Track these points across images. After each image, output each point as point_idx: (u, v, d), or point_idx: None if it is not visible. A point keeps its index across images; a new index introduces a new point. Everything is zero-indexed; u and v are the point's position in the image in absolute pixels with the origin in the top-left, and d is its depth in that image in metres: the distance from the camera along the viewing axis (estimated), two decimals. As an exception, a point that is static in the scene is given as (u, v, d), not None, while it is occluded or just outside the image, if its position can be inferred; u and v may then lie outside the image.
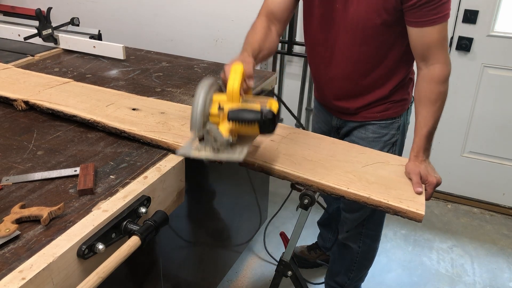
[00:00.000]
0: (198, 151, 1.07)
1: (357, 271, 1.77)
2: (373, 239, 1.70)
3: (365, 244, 1.70)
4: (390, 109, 1.46)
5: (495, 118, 2.41)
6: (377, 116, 1.47)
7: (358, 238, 1.68)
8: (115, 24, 3.05)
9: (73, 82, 1.65)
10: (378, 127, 1.48)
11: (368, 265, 1.77)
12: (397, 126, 1.49)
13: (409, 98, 1.49)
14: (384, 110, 1.46)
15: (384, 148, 1.49)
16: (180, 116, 1.40)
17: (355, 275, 1.78)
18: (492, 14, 2.23)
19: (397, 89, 1.44)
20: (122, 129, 1.31)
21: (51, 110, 1.42)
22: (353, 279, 1.80)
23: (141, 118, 1.37)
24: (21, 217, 0.95)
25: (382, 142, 1.49)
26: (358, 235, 1.68)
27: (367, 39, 1.32)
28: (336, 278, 1.84)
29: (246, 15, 2.68)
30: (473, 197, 2.63)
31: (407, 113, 1.52)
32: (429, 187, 1.24)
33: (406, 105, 1.49)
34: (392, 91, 1.43)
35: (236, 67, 1.09)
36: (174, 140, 1.25)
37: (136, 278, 1.22)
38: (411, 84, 1.49)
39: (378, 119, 1.47)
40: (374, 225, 1.66)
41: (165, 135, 1.28)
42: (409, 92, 1.48)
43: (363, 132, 1.50)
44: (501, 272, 2.15)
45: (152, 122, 1.35)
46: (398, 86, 1.44)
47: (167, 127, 1.33)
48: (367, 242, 1.69)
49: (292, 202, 2.57)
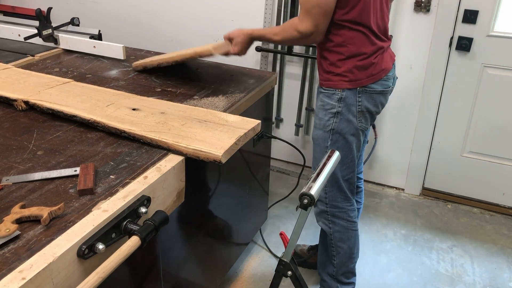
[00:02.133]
0: None
1: (338, 256, 1.82)
2: (342, 218, 1.76)
3: (334, 224, 1.77)
4: (330, 80, 1.60)
5: (495, 118, 2.42)
6: (323, 84, 1.63)
7: (325, 218, 1.78)
8: (115, 24, 3.05)
9: (73, 82, 1.65)
10: (324, 96, 1.64)
11: (345, 247, 1.80)
12: (337, 98, 1.60)
13: (352, 77, 1.56)
14: (326, 80, 1.61)
15: (326, 116, 1.63)
16: (180, 116, 1.40)
17: (338, 262, 1.82)
18: (492, 14, 2.23)
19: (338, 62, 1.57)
20: (122, 129, 1.31)
21: (51, 110, 1.43)
22: (338, 267, 1.83)
23: (141, 118, 1.37)
24: (21, 217, 0.95)
25: (325, 110, 1.64)
26: (324, 214, 1.77)
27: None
28: (325, 269, 1.88)
29: (246, 15, 2.68)
30: (473, 197, 2.63)
31: (355, 94, 1.59)
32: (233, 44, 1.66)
33: (345, 81, 1.57)
34: (334, 63, 1.57)
35: None
36: (174, 140, 1.26)
37: (136, 278, 1.22)
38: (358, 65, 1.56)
39: (324, 87, 1.63)
40: (337, 202, 1.74)
41: (165, 135, 1.28)
42: (353, 71, 1.56)
43: (317, 99, 1.71)
44: (501, 272, 2.15)
45: (152, 122, 1.35)
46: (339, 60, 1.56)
47: (167, 127, 1.33)
48: (336, 221, 1.77)
49: (292, 202, 2.58)
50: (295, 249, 2.17)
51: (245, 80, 1.82)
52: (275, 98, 2.77)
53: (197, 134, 1.30)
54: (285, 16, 2.56)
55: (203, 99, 1.62)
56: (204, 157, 1.22)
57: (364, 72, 1.56)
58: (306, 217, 1.34)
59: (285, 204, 2.51)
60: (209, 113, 1.45)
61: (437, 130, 2.57)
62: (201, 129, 1.33)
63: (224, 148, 1.23)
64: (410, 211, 2.58)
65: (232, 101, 1.62)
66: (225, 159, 1.23)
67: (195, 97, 1.63)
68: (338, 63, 1.56)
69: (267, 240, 2.27)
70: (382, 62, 1.60)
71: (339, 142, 1.64)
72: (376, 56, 1.57)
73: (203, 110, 1.47)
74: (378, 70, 1.58)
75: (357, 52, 1.54)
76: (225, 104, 1.58)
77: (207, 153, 1.22)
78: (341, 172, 1.69)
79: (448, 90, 2.45)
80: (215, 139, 1.28)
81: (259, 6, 2.63)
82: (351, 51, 1.54)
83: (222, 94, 1.67)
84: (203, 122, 1.38)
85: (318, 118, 1.66)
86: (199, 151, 1.22)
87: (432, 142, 2.60)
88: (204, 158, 1.22)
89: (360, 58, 1.54)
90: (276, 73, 1.95)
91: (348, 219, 1.77)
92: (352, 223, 1.79)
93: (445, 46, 2.34)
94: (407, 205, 2.63)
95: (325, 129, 1.64)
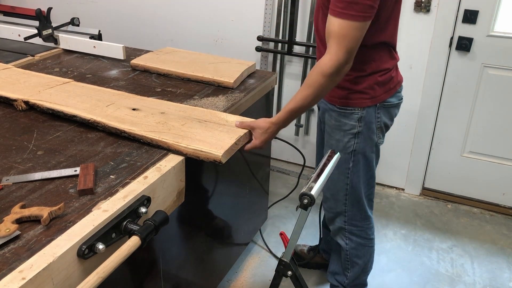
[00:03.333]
0: None
1: (352, 270, 1.79)
2: (360, 236, 1.72)
3: (351, 241, 1.72)
4: (349, 98, 1.49)
5: (495, 118, 2.41)
6: (337, 102, 1.52)
7: (343, 234, 1.73)
8: (115, 24, 3.05)
9: (73, 82, 1.65)
10: (338, 115, 1.53)
11: (360, 263, 1.77)
12: (357, 117, 1.51)
13: (373, 94, 1.49)
14: (344, 98, 1.50)
15: (345, 138, 1.54)
16: (180, 116, 1.41)
17: (352, 274, 1.79)
18: (492, 14, 2.23)
19: (358, 79, 1.47)
20: (122, 129, 1.31)
21: (51, 110, 1.43)
22: (350, 279, 1.80)
23: (141, 118, 1.37)
24: (21, 217, 0.95)
25: (343, 131, 1.54)
26: (342, 231, 1.72)
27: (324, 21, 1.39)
28: (336, 277, 1.86)
29: (246, 15, 2.68)
30: (473, 197, 2.63)
31: (375, 110, 1.51)
32: (255, 139, 1.38)
33: (366, 98, 1.49)
34: (353, 80, 1.47)
35: None
36: (174, 140, 1.26)
37: (136, 278, 1.22)
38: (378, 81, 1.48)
39: (338, 105, 1.52)
40: (356, 221, 1.69)
41: (165, 135, 1.28)
42: (374, 87, 1.48)
43: (329, 118, 1.58)
44: (501, 272, 2.15)
45: (152, 122, 1.35)
46: (359, 77, 1.46)
47: (167, 127, 1.33)
48: (353, 239, 1.72)
49: (292, 202, 2.58)
50: (295, 249, 2.17)
51: (245, 80, 1.82)
52: (275, 98, 2.77)
53: (197, 134, 1.30)
54: (285, 16, 2.56)
55: (203, 99, 1.62)
56: (204, 157, 1.22)
57: (383, 87, 1.49)
58: (306, 217, 1.34)
59: (285, 204, 2.51)
60: (209, 113, 1.45)
61: (437, 130, 2.57)
62: (201, 129, 1.33)
63: (224, 148, 1.23)
64: (410, 211, 2.57)
65: (232, 101, 1.62)
66: (225, 159, 1.23)
67: (195, 97, 1.63)
68: (358, 80, 1.46)
69: (267, 240, 2.27)
70: (398, 74, 1.55)
71: (361, 162, 1.57)
72: (395, 70, 1.52)
73: (203, 110, 1.47)
74: (395, 83, 1.52)
75: (380, 68, 1.46)
76: (225, 104, 1.58)
77: (207, 153, 1.22)
78: (363, 189, 1.63)
79: (448, 90, 2.45)
80: (215, 139, 1.28)
81: (259, 6, 2.63)
82: (373, 67, 1.45)
83: (222, 94, 1.67)
84: (203, 122, 1.38)
85: (335, 139, 1.57)
86: (199, 151, 1.22)
87: (432, 142, 2.60)
88: (204, 158, 1.22)
89: (381, 73, 1.47)
90: (276, 73, 1.95)
91: (366, 237, 1.73)
92: (369, 241, 1.75)
93: (445, 46, 2.34)
94: (407, 205, 2.63)
95: (345, 151, 1.55)
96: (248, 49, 2.74)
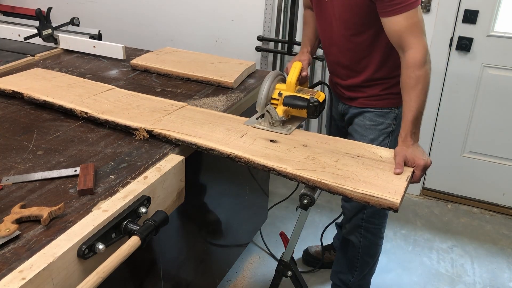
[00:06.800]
0: (259, 123, 1.39)
1: (360, 268, 1.78)
2: (374, 234, 1.72)
3: (366, 238, 1.72)
4: (386, 98, 1.54)
5: (495, 118, 2.41)
6: (374, 104, 1.56)
7: (358, 232, 1.72)
8: (115, 24, 3.05)
9: (189, 107, 1.51)
10: (375, 115, 1.57)
11: (370, 262, 1.78)
12: (394, 116, 1.56)
13: None
14: (381, 99, 1.55)
15: (380, 137, 1.57)
16: (326, 150, 1.29)
17: (358, 273, 1.79)
18: (492, 14, 2.23)
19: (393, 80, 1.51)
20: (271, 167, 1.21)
21: (181, 142, 1.29)
22: (357, 278, 1.80)
23: (285, 153, 1.27)
24: (21, 217, 0.95)
25: (378, 130, 1.57)
26: (358, 229, 1.71)
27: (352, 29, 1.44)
28: (340, 276, 1.85)
29: (246, 15, 2.68)
30: (473, 197, 2.63)
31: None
32: (417, 170, 1.24)
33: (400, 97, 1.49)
34: (391, 81, 1.51)
35: (296, 64, 1.44)
36: (335, 181, 1.14)
37: (136, 278, 1.22)
38: None
39: (374, 107, 1.56)
40: (374, 218, 1.69)
41: (322, 174, 1.17)
42: None
43: (362, 119, 1.60)
44: (501, 272, 2.15)
45: (300, 158, 1.24)
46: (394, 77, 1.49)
47: (320, 165, 1.21)
48: (368, 236, 1.71)
49: (292, 202, 2.58)
50: (310, 250, 2.17)
51: (245, 80, 1.82)
52: (275, 98, 2.77)
53: (357, 173, 1.17)
54: (285, 16, 2.56)
55: (203, 99, 1.62)
56: (376, 203, 1.09)
57: None
58: (306, 218, 1.34)
59: (285, 205, 2.51)
60: (356, 145, 1.31)
61: (437, 130, 2.57)
62: (359, 167, 1.19)
63: (399, 193, 1.10)
64: (410, 211, 2.57)
65: (232, 101, 1.62)
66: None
67: (195, 97, 1.63)
68: (393, 81, 1.50)
69: (267, 240, 2.27)
70: None
71: None
72: None
73: (347, 141, 1.34)
74: None
75: None
76: (225, 104, 1.58)
77: (381, 199, 1.08)
78: None
79: (448, 90, 2.45)
80: (382, 181, 1.14)
81: (259, 6, 2.63)
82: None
83: (222, 94, 1.67)
84: (356, 158, 1.24)
85: (369, 139, 1.56)
86: (370, 196, 1.09)
87: (432, 142, 2.60)
88: (375, 204, 1.10)
89: None
90: (276, 73, 1.95)
91: (380, 235, 1.74)
92: (381, 239, 1.76)
93: (445, 46, 2.34)
94: (407, 205, 2.63)
95: None
96: (248, 49, 2.74)
